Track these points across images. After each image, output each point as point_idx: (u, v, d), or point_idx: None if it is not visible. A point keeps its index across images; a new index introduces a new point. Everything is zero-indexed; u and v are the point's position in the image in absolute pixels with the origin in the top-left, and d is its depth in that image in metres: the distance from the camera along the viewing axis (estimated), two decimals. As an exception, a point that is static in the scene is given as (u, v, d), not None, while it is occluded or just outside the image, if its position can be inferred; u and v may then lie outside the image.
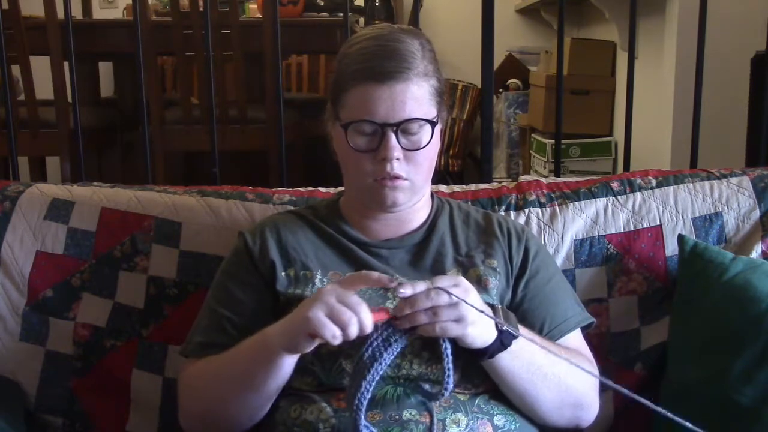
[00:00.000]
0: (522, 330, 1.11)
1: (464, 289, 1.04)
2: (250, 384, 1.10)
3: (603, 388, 1.29)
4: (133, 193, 1.52)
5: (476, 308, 1.02)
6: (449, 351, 1.05)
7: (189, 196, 1.51)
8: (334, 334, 0.97)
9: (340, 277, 1.20)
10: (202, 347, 1.20)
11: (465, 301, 1.02)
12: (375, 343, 1.00)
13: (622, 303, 1.45)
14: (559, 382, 1.15)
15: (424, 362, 1.11)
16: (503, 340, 1.07)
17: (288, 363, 1.07)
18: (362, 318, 0.98)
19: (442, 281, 1.04)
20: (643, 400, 0.89)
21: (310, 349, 1.02)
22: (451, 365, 1.05)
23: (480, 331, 1.05)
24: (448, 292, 1.01)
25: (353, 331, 0.98)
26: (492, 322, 1.06)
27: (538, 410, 1.16)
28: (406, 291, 1.01)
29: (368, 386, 0.99)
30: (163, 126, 2.90)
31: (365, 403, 0.99)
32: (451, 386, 1.05)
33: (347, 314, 0.98)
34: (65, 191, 1.52)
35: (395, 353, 1.00)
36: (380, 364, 0.99)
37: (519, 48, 4.61)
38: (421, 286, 1.02)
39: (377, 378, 1.00)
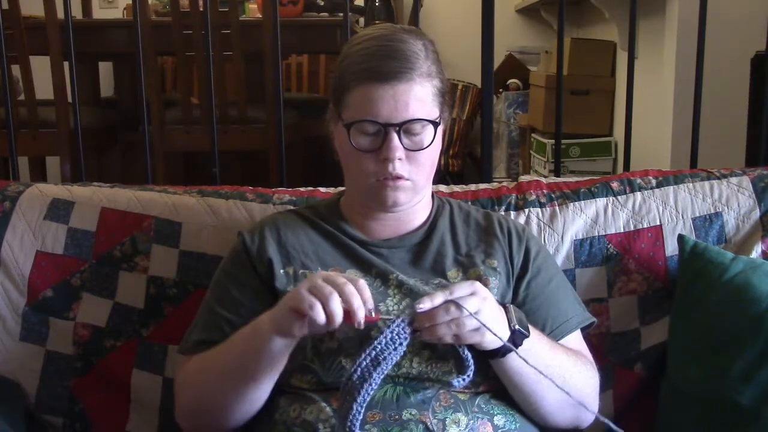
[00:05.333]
0: (532, 331, 1.11)
1: (482, 298, 1.05)
2: (245, 372, 1.09)
3: (603, 388, 1.29)
4: (133, 193, 1.52)
5: (489, 329, 1.03)
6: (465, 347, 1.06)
7: (189, 196, 1.51)
8: (311, 304, 0.98)
9: (341, 272, 1.21)
10: (199, 345, 1.20)
11: (480, 321, 1.02)
12: (364, 363, 1.00)
13: (622, 303, 1.45)
14: (564, 383, 1.15)
15: (425, 361, 1.11)
16: (515, 341, 1.07)
17: (279, 347, 1.06)
18: (346, 292, 0.99)
19: (460, 290, 1.04)
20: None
21: (300, 331, 1.02)
22: (468, 354, 1.05)
23: (494, 336, 1.05)
24: (464, 308, 1.02)
25: (334, 307, 0.98)
26: (505, 323, 1.07)
27: (542, 410, 1.16)
28: (425, 305, 1.01)
29: (359, 408, 0.99)
30: (163, 126, 2.90)
31: (357, 424, 1.00)
32: (472, 370, 1.05)
33: (327, 288, 0.99)
34: (65, 191, 1.52)
35: (385, 372, 1.00)
36: (370, 384, 0.99)
37: (519, 48, 4.61)
38: (438, 299, 1.02)
39: (368, 399, 1.00)
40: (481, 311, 1.03)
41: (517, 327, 1.07)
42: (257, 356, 1.07)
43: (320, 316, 0.98)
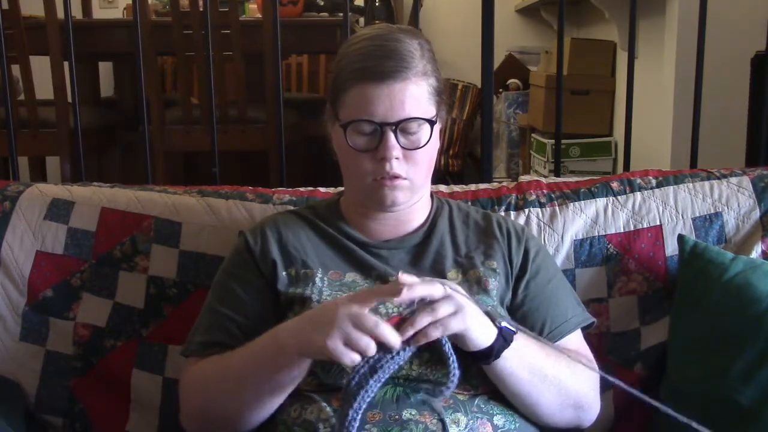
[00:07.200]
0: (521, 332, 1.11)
1: (451, 288, 1.05)
2: (266, 385, 1.09)
3: (604, 388, 1.29)
4: (133, 193, 1.52)
5: (466, 296, 1.03)
6: (449, 345, 1.05)
7: (189, 196, 1.51)
8: (353, 360, 0.98)
9: (340, 276, 1.21)
10: (204, 347, 1.20)
11: (463, 294, 1.02)
12: (362, 371, 1.00)
13: (622, 303, 1.45)
14: (560, 383, 1.15)
15: (425, 363, 1.11)
16: (505, 337, 1.07)
17: (304, 364, 1.07)
18: (383, 336, 0.97)
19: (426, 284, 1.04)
20: (645, 398, 0.89)
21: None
22: (454, 357, 1.05)
23: (480, 325, 1.05)
24: (443, 283, 1.02)
25: (372, 352, 0.98)
26: (489, 324, 1.06)
27: (539, 411, 1.16)
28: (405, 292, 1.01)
29: (355, 415, 1.00)
30: (163, 126, 2.90)
31: (354, 431, 1.00)
32: (456, 379, 1.05)
33: (364, 340, 0.97)
34: (65, 191, 1.52)
35: (382, 380, 1.01)
36: (367, 392, 1.00)
37: (519, 48, 4.61)
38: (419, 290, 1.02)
39: (365, 406, 1.00)
40: (454, 294, 1.03)
41: (503, 324, 1.07)
42: (281, 373, 1.07)
43: (357, 361, 0.99)
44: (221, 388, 1.14)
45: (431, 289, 1.02)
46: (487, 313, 1.08)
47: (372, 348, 0.97)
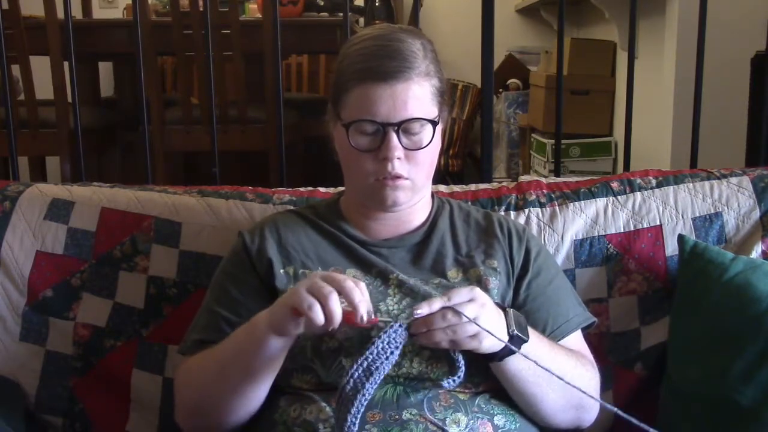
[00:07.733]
0: (531, 334, 1.11)
1: (480, 304, 1.04)
2: (242, 371, 1.09)
3: (604, 388, 1.29)
4: (133, 193, 1.52)
5: (489, 331, 1.03)
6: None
7: (189, 196, 1.51)
8: (309, 304, 0.98)
9: (341, 273, 1.21)
10: (199, 346, 1.20)
11: (479, 325, 1.02)
12: (356, 375, 1.00)
13: (622, 303, 1.45)
14: (564, 385, 1.14)
15: (425, 360, 1.11)
16: (515, 346, 1.07)
17: (276, 346, 1.06)
18: (346, 288, 0.99)
19: (459, 296, 1.04)
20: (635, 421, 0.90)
21: (297, 329, 1.02)
22: (460, 357, 1.06)
23: (492, 342, 1.05)
24: (464, 314, 1.02)
25: (333, 306, 0.98)
26: (504, 328, 1.07)
27: (542, 412, 1.16)
28: (422, 311, 1.02)
29: (354, 420, 1.00)
30: (163, 126, 2.90)
31: None
32: (462, 374, 1.06)
33: (326, 288, 0.98)
34: (65, 191, 1.52)
35: (378, 381, 1.01)
36: (363, 395, 1.00)
37: (519, 48, 4.61)
38: (436, 305, 1.02)
39: (362, 409, 1.00)
40: (479, 318, 1.03)
41: (516, 332, 1.07)
42: (254, 355, 1.07)
43: (319, 317, 0.98)
44: (206, 380, 1.15)
45: (451, 320, 1.02)
46: (504, 312, 1.09)
47: (334, 299, 0.98)
